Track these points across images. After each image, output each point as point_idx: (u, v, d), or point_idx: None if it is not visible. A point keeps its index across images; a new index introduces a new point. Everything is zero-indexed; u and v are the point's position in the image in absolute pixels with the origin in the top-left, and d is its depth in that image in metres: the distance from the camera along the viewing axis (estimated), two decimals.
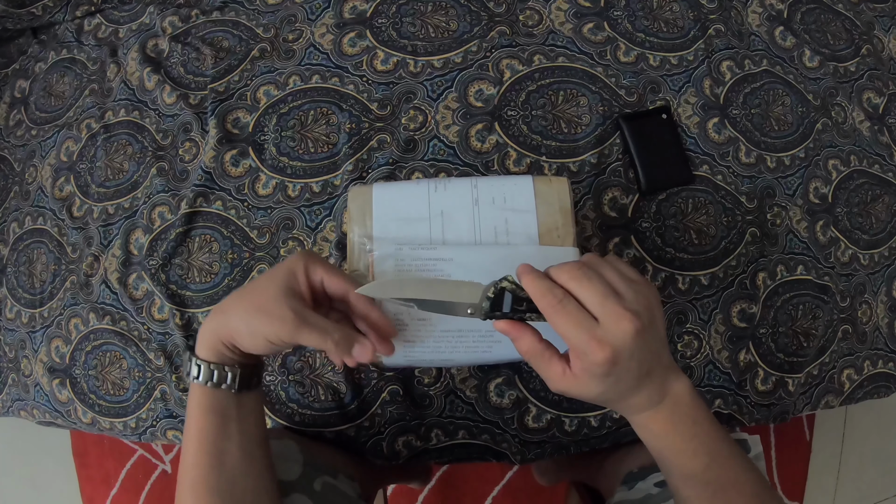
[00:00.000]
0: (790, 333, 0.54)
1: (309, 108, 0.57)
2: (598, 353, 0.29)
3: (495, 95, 0.56)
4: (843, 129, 0.59)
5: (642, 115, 0.55)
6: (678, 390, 0.33)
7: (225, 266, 0.55)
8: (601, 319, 0.30)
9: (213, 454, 0.35)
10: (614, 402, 0.33)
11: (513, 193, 0.39)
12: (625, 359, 0.30)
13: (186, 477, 0.35)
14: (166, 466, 0.95)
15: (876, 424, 1.00)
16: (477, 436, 0.52)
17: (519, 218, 0.39)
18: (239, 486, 0.36)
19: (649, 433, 0.34)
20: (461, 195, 0.40)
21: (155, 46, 0.63)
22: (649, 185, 0.54)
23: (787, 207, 0.56)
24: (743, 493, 0.33)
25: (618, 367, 0.30)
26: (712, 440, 0.33)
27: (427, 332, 0.38)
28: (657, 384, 0.32)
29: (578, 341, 0.30)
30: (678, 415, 0.33)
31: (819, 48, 0.61)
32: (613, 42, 0.58)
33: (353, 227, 0.40)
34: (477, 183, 0.40)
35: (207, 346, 0.36)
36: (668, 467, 0.34)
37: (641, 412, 0.33)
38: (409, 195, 0.40)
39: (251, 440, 0.37)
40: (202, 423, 0.35)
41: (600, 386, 0.31)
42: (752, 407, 0.54)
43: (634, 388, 0.32)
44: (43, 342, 0.59)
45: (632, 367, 0.30)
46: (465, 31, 0.58)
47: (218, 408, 0.36)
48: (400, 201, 0.40)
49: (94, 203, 0.59)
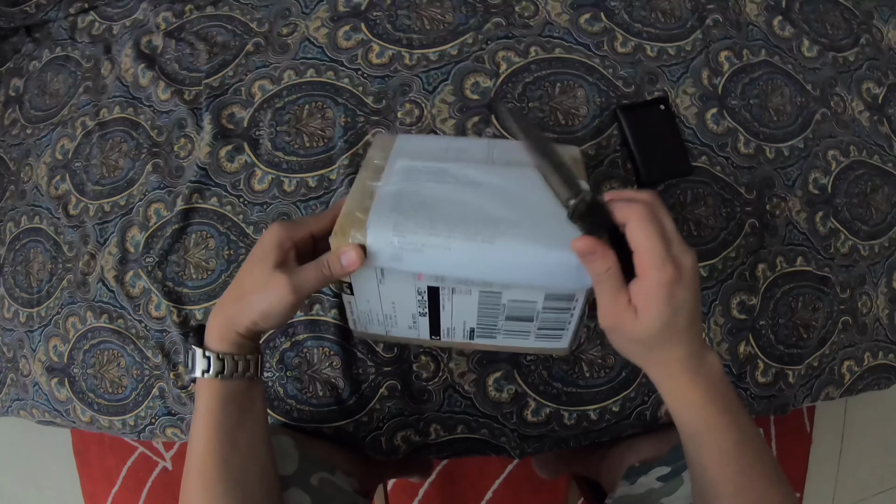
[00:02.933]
0: (790, 325, 0.54)
1: (304, 103, 0.57)
2: (669, 267, 0.31)
3: (492, 88, 0.55)
4: (842, 119, 0.59)
5: (640, 106, 0.55)
6: (712, 361, 0.34)
7: (221, 262, 0.54)
8: (673, 245, 0.32)
9: (228, 443, 0.36)
10: (662, 346, 0.33)
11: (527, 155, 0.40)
12: (685, 286, 0.31)
13: (198, 467, 0.36)
14: (167, 463, 0.95)
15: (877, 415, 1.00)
16: (476, 430, 0.52)
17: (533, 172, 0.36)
18: (249, 474, 0.36)
19: (685, 403, 0.34)
20: (477, 149, 0.41)
21: (149, 43, 0.63)
22: (648, 176, 0.54)
23: (786, 198, 0.56)
24: (763, 476, 0.33)
25: (678, 291, 0.31)
26: (742, 416, 0.34)
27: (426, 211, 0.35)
28: (697, 345, 0.33)
29: (656, 253, 0.31)
30: (714, 386, 0.33)
31: (818, 38, 0.61)
32: (610, 33, 0.58)
33: (369, 163, 0.40)
34: (495, 143, 0.42)
35: (221, 339, 0.36)
36: (699, 443, 0.34)
37: (681, 375, 0.33)
38: (428, 143, 0.43)
39: (262, 427, 0.38)
40: (218, 413, 0.36)
41: (659, 317, 0.31)
42: (752, 399, 0.53)
43: (684, 330, 0.32)
44: (41, 341, 0.58)
45: (688, 301, 0.32)
46: (460, 23, 0.58)
47: (234, 397, 0.36)
48: (419, 146, 0.42)
49: (90, 201, 0.59)
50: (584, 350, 0.52)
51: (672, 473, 0.44)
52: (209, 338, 0.37)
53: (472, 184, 0.37)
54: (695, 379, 0.33)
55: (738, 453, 0.33)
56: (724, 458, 0.33)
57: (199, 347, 0.36)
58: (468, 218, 0.35)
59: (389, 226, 0.34)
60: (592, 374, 0.52)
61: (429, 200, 0.36)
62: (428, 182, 0.37)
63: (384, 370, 0.52)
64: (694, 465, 0.35)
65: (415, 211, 0.35)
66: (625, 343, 0.34)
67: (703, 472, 0.34)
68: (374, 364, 0.52)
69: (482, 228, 0.34)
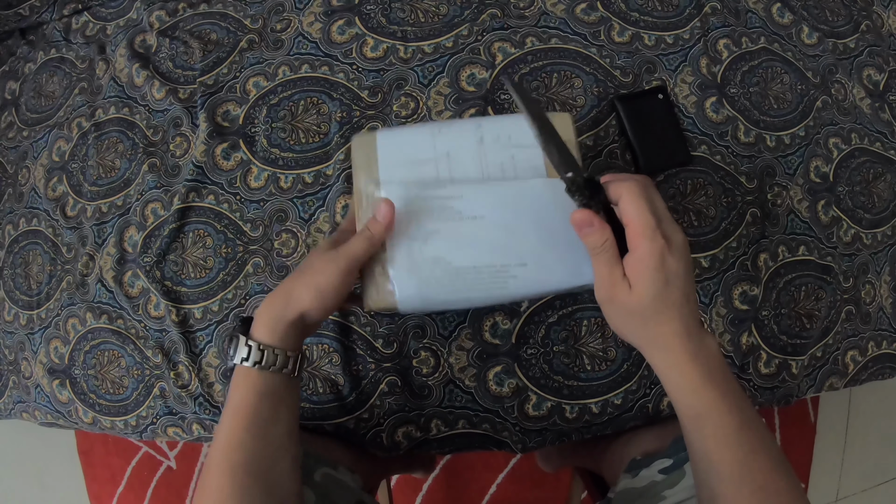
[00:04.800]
0: (793, 315, 0.54)
1: (299, 98, 0.56)
2: (659, 238, 0.32)
3: (488, 79, 0.55)
4: (843, 106, 0.58)
5: (638, 96, 0.54)
6: (710, 343, 0.34)
7: (219, 261, 0.54)
8: (663, 221, 0.33)
9: (259, 437, 0.36)
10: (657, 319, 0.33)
11: (517, 130, 0.40)
12: (676, 258, 0.32)
13: (225, 459, 0.35)
14: (171, 463, 0.95)
15: (881, 405, 1.00)
16: (477, 425, 0.52)
17: (524, 153, 0.39)
18: (277, 468, 0.36)
19: (684, 385, 0.33)
20: (466, 136, 0.40)
21: (143, 42, 0.62)
22: (647, 166, 0.53)
23: (787, 187, 0.55)
24: (767, 461, 0.32)
25: (669, 261, 0.32)
26: (743, 401, 0.33)
27: (442, 271, 0.38)
28: (695, 326, 0.33)
29: (647, 225, 0.32)
30: (714, 368, 0.33)
31: (817, 24, 0.60)
32: (607, 22, 0.57)
33: (360, 175, 0.40)
34: (481, 123, 0.41)
35: (270, 330, 0.36)
36: (701, 426, 0.33)
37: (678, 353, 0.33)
38: (413, 139, 0.40)
39: (294, 425, 0.38)
40: (256, 405, 0.36)
41: (652, 285, 0.32)
42: (755, 390, 0.53)
43: (679, 304, 0.33)
44: (42, 343, 0.59)
45: (680, 273, 0.32)
46: (455, 15, 0.57)
47: (273, 391, 0.36)
48: (405, 146, 0.40)
49: (88, 202, 0.59)
50: (586, 343, 0.51)
51: (674, 466, 0.44)
52: (256, 329, 0.37)
53: (475, 218, 0.38)
54: (693, 359, 0.33)
55: (741, 437, 0.32)
56: (727, 442, 0.32)
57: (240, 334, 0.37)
58: (482, 269, 0.38)
59: (417, 301, 0.38)
60: (594, 367, 0.51)
61: (441, 252, 0.38)
62: (432, 223, 0.38)
63: (384, 366, 0.51)
64: (695, 452, 0.34)
65: (431, 270, 0.38)
66: (622, 319, 0.34)
67: (705, 458, 0.33)
68: (373, 360, 0.51)
69: (495, 277, 0.38)
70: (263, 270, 0.54)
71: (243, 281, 0.54)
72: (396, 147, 0.40)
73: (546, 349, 0.51)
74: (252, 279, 0.54)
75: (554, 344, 0.51)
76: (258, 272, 0.54)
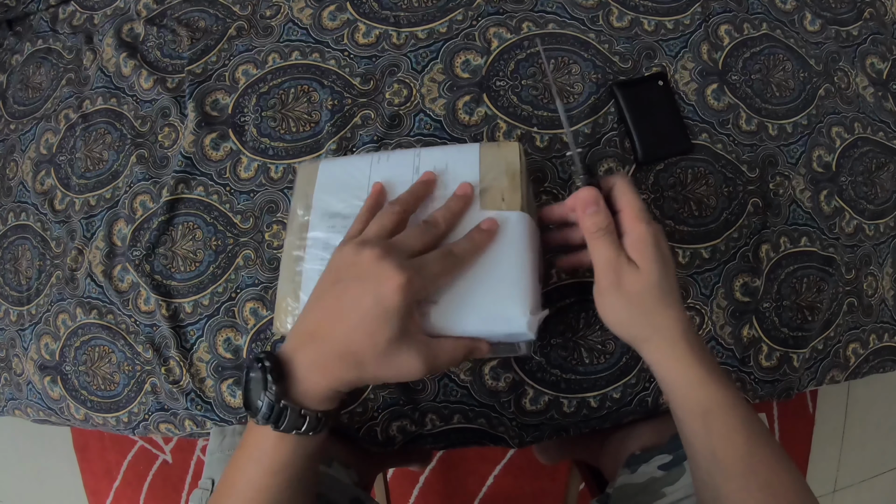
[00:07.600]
0: (794, 307, 0.53)
1: (289, 87, 0.55)
2: (653, 222, 0.34)
3: (483, 66, 0.54)
4: (846, 95, 0.57)
5: (637, 83, 0.53)
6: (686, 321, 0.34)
7: (209, 253, 0.53)
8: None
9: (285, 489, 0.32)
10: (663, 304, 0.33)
11: (456, 160, 0.39)
12: (663, 244, 0.34)
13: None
14: (167, 457, 0.95)
15: (879, 396, 0.99)
16: (473, 420, 0.51)
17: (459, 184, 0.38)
18: None
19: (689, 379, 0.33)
20: (403, 165, 0.39)
21: (130, 31, 0.61)
22: (646, 155, 0.52)
23: (789, 177, 0.54)
24: (771, 455, 0.32)
25: (663, 244, 0.34)
26: (739, 392, 0.34)
27: None
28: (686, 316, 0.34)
29: (643, 209, 0.34)
30: (711, 361, 0.34)
31: (820, 11, 0.59)
32: (606, 6, 0.56)
33: (297, 201, 0.40)
34: (420, 152, 0.40)
35: (329, 401, 0.31)
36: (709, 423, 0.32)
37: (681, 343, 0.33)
38: (351, 167, 0.40)
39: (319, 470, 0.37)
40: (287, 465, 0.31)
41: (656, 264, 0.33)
42: (755, 383, 0.52)
43: (676, 289, 0.34)
44: (32, 340, 0.58)
45: (670, 258, 0.34)
46: (449, 0, 0.56)
47: (312, 452, 0.32)
48: (342, 174, 0.40)
49: (76, 195, 0.58)
50: (584, 336, 0.51)
51: (673, 462, 0.43)
52: (305, 394, 0.31)
53: None
54: (693, 350, 0.32)
55: (746, 431, 0.32)
56: (734, 437, 0.32)
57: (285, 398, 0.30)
58: None
59: None
60: (592, 361, 0.51)
61: None
62: None
63: None
64: (698, 451, 0.33)
65: None
66: (624, 310, 0.33)
67: (710, 456, 0.32)
68: None
69: None
70: (254, 263, 0.53)
71: (234, 274, 0.53)
72: (334, 175, 0.40)
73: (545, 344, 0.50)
74: (243, 272, 0.53)
75: (551, 336, 0.50)
76: (249, 265, 0.53)
